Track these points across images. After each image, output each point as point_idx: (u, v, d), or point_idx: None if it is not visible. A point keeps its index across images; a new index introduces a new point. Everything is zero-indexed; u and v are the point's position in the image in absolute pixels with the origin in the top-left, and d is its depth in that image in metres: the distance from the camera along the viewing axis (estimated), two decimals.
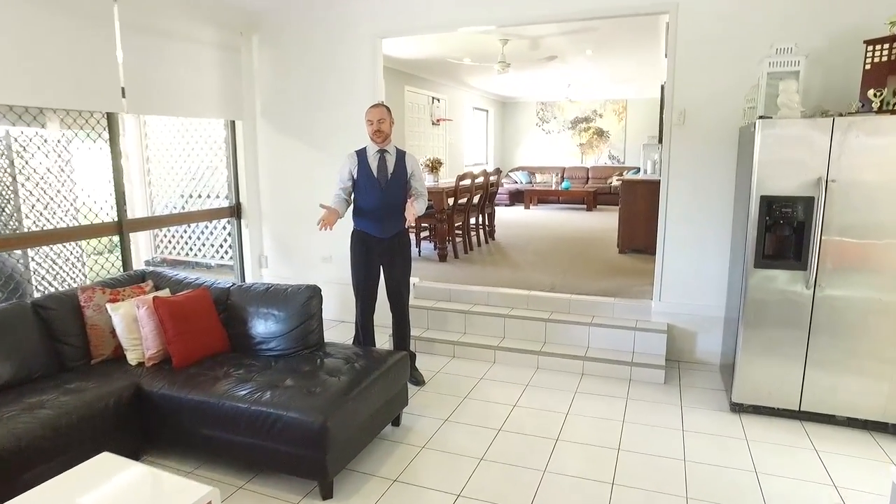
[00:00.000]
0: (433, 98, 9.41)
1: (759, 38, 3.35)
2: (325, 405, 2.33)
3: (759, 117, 2.79)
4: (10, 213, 3.91)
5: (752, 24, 3.38)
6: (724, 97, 3.51)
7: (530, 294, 4.25)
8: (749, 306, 2.95)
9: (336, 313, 4.81)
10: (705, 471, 2.55)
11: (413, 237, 6.21)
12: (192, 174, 5.60)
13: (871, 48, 2.75)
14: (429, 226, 5.95)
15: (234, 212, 5.01)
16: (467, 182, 5.88)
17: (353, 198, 3.37)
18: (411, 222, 3.20)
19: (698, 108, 3.60)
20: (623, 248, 5.84)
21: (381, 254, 3.37)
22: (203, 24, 4.32)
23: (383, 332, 3.84)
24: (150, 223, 4.42)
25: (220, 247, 5.63)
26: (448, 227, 5.68)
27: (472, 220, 6.38)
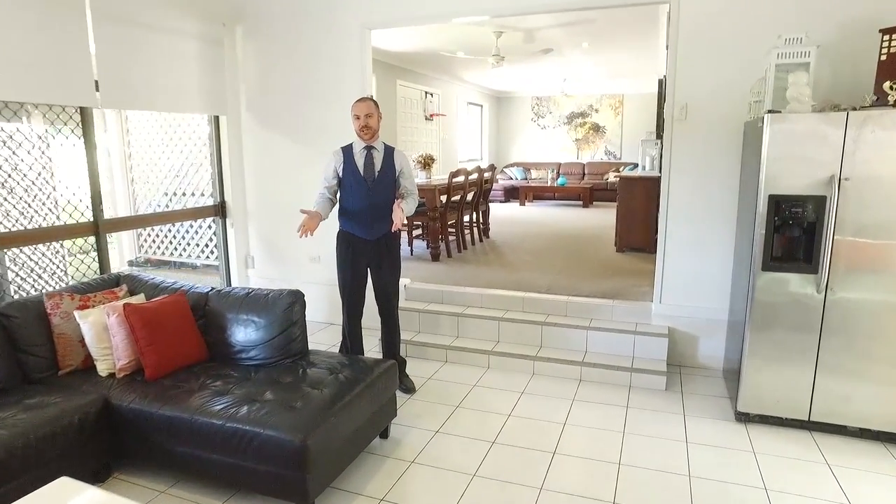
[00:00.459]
0: (426, 93, 9.22)
1: (765, 29, 3.19)
2: (305, 422, 2.16)
3: (768, 111, 2.63)
4: None
5: (758, 13, 3.22)
6: (728, 91, 3.36)
7: (526, 296, 4.09)
8: (756, 311, 2.80)
9: (325, 316, 4.64)
10: (712, 488, 2.40)
11: (405, 236, 6.04)
12: (175, 171, 5.41)
13: (886, 37, 2.60)
14: (421, 224, 5.78)
15: (219, 210, 4.82)
16: (461, 179, 5.72)
17: (338, 197, 3.20)
18: (398, 226, 3.02)
19: (701, 102, 3.44)
20: (621, 246, 5.69)
21: (368, 256, 3.21)
22: (182, 14, 4.13)
23: (373, 335, 3.68)
24: (129, 223, 4.24)
25: (206, 246, 5.45)
26: (441, 226, 5.51)
27: (466, 218, 6.22)
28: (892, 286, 2.57)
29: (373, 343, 3.83)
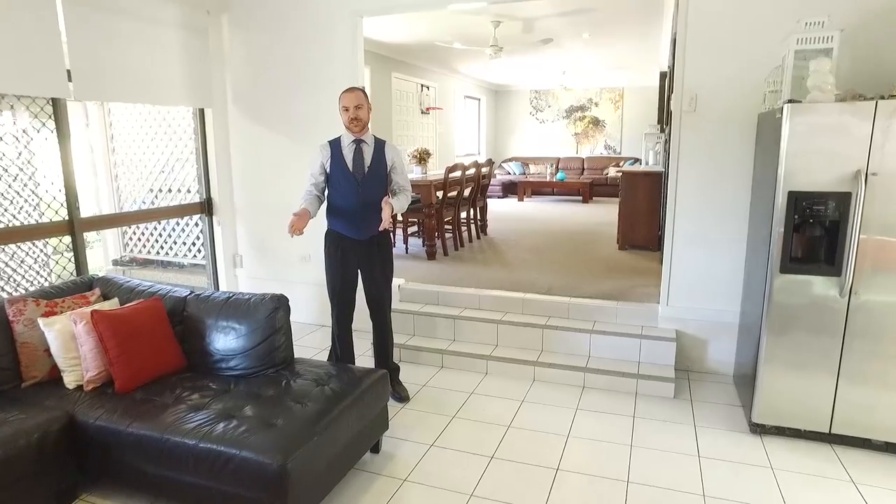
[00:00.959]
0: (422, 86, 9.00)
1: (781, 13, 2.99)
2: (285, 442, 1.97)
3: (788, 101, 2.44)
4: None
5: None
6: (740, 80, 3.16)
7: (525, 297, 3.90)
8: (773, 315, 2.61)
9: (315, 317, 4.45)
10: None
11: (400, 233, 5.84)
12: (161, 167, 5.20)
13: None
14: (417, 221, 5.58)
15: (205, 208, 4.62)
16: (457, 174, 5.52)
17: (326, 194, 3.00)
18: (386, 224, 2.82)
19: (711, 92, 3.24)
20: (623, 244, 5.50)
21: (358, 257, 3.01)
22: (163, 0, 3.90)
23: (365, 337, 3.49)
24: (108, 222, 4.03)
25: (193, 245, 5.24)
26: (437, 223, 5.31)
27: (463, 215, 6.02)
28: None
29: (364, 346, 3.65)
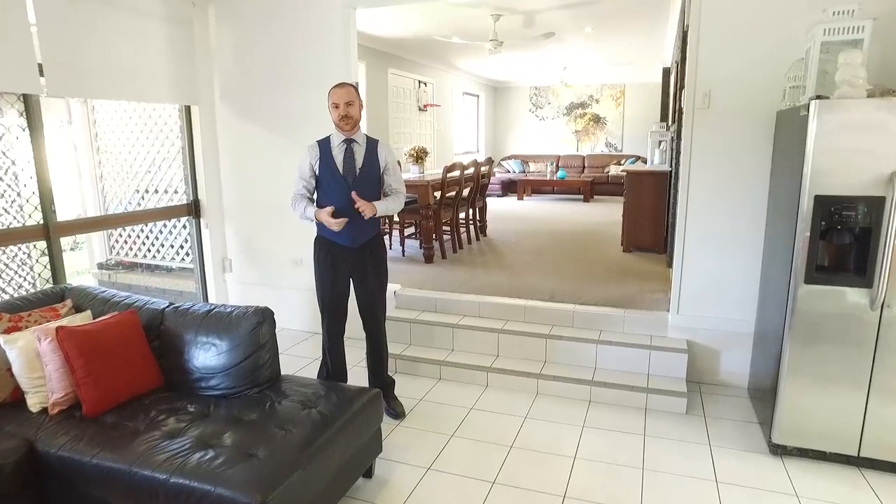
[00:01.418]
0: (420, 82, 8.79)
1: (803, 2, 2.79)
2: (266, 477, 1.78)
3: (816, 97, 2.24)
4: None
5: None
6: (757, 75, 2.96)
7: (527, 304, 3.71)
8: (796, 327, 2.42)
9: (307, 324, 4.25)
10: None
11: (397, 234, 5.65)
12: (147, 166, 4.99)
13: None
14: (414, 223, 5.38)
15: (192, 210, 4.41)
16: (456, 174, 5.31)
17: (315, 197, 2.80)
18: (366, 210, 2.64)
19: (726, 88, 3.04)
20: (628, 246, 5.31)
21: (350, 265, 2.81)
22: None
23: (357, 345, 3.29)
24: (86, 226, 3.82)
25: (181, 248, 5.04)
26: (435, 225, 5.11)
27: (462, 215, 5.82)
28: None
29: (358, 356, 3.45)
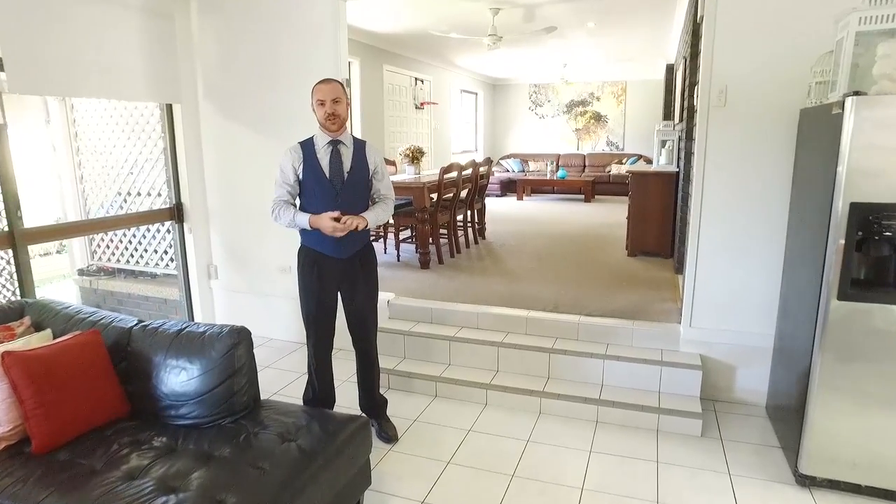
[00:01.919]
0: (416, 79, 8.54)
1: None
2: None
3: (853, 93, 2.01)
4: None
5: None
6: (779, 70, 2.74)
7: (529, 315, 3.48)
8: (828, 347, 2.20)
9: (296, 335, 4.02)
10: None
11: (392, 238, 5.42)
12: (129, 168, 4.76)
13: None
14: (410, 226, 5.15)
15: (175, 214, 4.18)
16: (453, 175, 5.08)
17: (299, 204, 2.57)
18: (356, 224, 2.41)
19: (744, 84, 2.82)
20: (633, 250, 5.08)
21: (339, 278, 2.59)
22: None
23: (344, 357, 3.06)
24: (57, 232, 3.58)
25: (165, 253, 4.80)
26: (431, 228, 4.88)
27: (460, 218, 5.59)
28: None
29: (348, 370, 3.22)
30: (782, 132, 2.78)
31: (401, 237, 5.25)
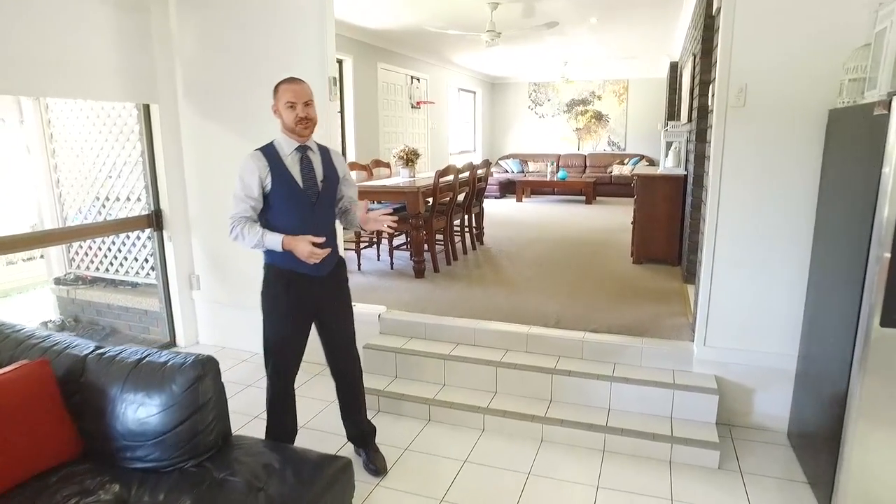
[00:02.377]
0: (412, 77, 8.29)
1: None
2: None
3: None
4: None
5: None
6: (806, 66, 2.49)
7: (530, 332, 3.24)
8: (869, 376, 1.95)
9: None
10: None
11: (385, 245, 5.18)
12: (108, 171, 4.51)
13: None
14: (405, 232, 4.91)
15: (153, 221, 3.93)
16: (450, 178, 4.83)
17: (266, 219, 2.27)
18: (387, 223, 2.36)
19: (765, 82, 2.57)
20: (638, 257, 4.84)
21: (316, 297, 2.34)
22: None
23: (308, 372, 2.81)
24: (20, 243, 3.31)
25: (146, 261, 4.56)
26: (427, 234, 4.64)
27: (456, 222, 5.34)
28: None
29: (321, 389, 2.96)
30: (808, 134, 2.54)
31: (395, 243, 5.00)
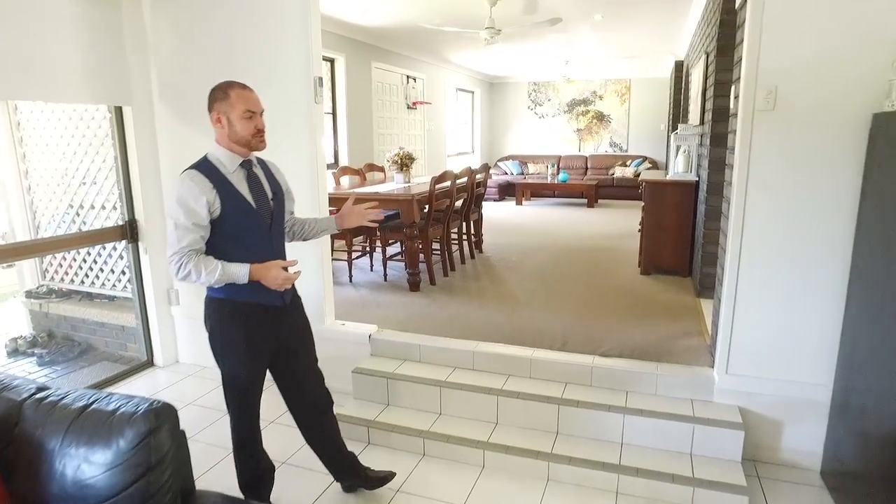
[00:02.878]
0: (408, 77, 8.01)
1: None
2: None
3: None
4: None
5: None
6: (844, 65, 2.22)
7: (534, 356, 2.96)
8: None
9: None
10: None
11: (379, 254, 4.90)
12: (82, 177, 4.23)
13: None
14: (399, 241, 4.63)
15: (128, 232, 3.65)
16: (447, 184, 4.56)
17: (214, 251, 1.90)
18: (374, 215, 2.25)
19: (798, 83, 2.30)
20: (647, 267, 4.57)
21: (279, 328, 2.05)
22: None
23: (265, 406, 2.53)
24: None
25: (123, 273, 4.28)
26: (422, 244, 4.36)
27: (454, 229, 5.06)
28: None
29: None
30: (847, 141, 2.27)
31: (389, 252, 4.72)
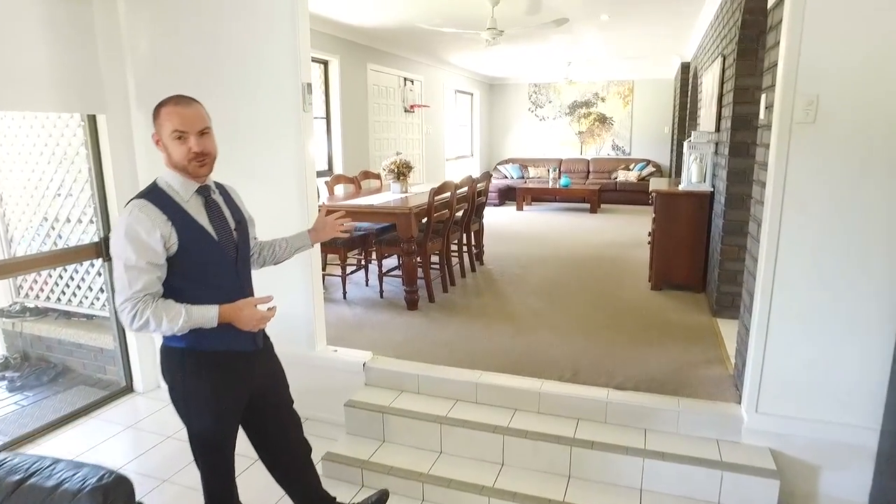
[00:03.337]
0: (405, 79, 7.75)
1: None
2: None
3: None
4: None
5: None
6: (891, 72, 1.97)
7: (542, 389, 2.71)
8: None
9: None
10: None
11: (375, 268, 4.64)
12: (56, 189, 3.96)
13: None
14: (396, 255, 4.37)
15: (103, 250, 3.38)
16: (446, 195, 4.30)
17: (174, 289, 1.63)
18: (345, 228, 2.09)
19: (843, 92, 2.06)
20: (658, 282, 4.32)
21: (252, 374, 1.80)
22: None
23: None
24: None
25: (102, 291, 4.01)
26: (421, 260, 4.10)
27: (454, 241, 4.81)
28: None
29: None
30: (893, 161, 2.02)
31: (385, 266, 4.46)
